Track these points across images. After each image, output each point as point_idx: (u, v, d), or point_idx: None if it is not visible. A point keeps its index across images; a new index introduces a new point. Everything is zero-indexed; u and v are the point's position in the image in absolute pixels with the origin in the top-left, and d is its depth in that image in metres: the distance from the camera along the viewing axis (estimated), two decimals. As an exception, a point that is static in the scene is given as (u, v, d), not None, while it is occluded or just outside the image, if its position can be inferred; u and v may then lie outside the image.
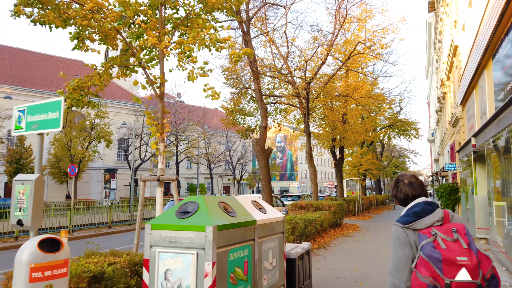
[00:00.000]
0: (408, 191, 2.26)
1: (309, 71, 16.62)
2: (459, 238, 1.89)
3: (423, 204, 2.13)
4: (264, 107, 11.77)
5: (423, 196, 2.25)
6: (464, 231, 1.94)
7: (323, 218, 12.55)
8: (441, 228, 1.96)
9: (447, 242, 1.88)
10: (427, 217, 2.04)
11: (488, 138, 8.68)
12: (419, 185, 2.28)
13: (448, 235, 1.91)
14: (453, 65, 18.67)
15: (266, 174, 11.42)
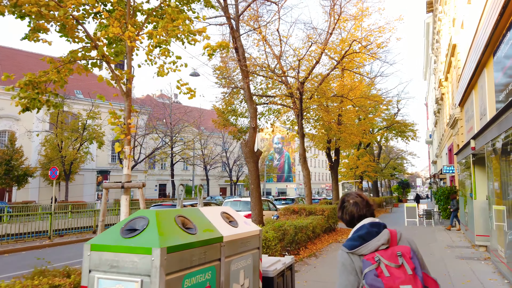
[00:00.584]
0: (354, 212, 2.14)
1: (303, 71, 16.08)
2: (404, 263, 1.80)
3: (369, 226, 2.02)
4: (254, 107, 11.23)
5: (370, 217, 2.13)
6: (409, 255, 1.85)
7: (315, 224, 12.00)
8: (386, 253, 1.86)
9: (390, 269, 1.80)
10: (372, 241, 1.93)
11: (488, 140, 8.15)
12: (364, 205, 2.15)
13: (392, 260, 1.82)
14: (451, 65, 18.17)
15: (255, 177, 10.87)
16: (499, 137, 7.15)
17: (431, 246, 11.90)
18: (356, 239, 1.99)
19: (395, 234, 1.98)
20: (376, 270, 1.81)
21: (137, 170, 44.61)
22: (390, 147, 54.66)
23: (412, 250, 1.89)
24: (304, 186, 16.40)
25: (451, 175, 20.21)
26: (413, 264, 1.80)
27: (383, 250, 1.89)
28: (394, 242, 1.94)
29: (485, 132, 8.50)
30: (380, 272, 1.80)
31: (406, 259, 1.83)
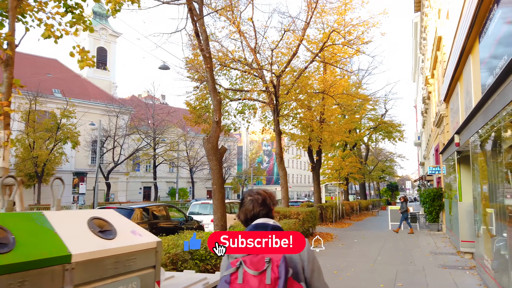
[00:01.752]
0: (248, 211, 1.93)
1: (279, 64, 15.03)
2: (268, 271, 1.62)
3: (253, 228, 1.84)
4: (217, 99, 10.10)
5: (263, 217, 1.91)
6: (278, 262, 1.64)
7: (287, 228, 10.88)
8: (254, 258, 1.68)
9: (247, 276, 1.63)
10: None
11: (473, 133, 7.12)
12: (259, 204, 1.92)
13: (254, 267, 1.65)
14: (437, 60, 17.28)
15: (218, 177, 9.74)
16: (485, 127, 6.12)
17: (412, 253, 10.87)
18: None
19: None
20: (232, 275, 1.66)
21: (119, 172, 43.16)
22: (379, 149, 53.94)
23: (284, 257, 1.67)
24: (281, 187, 15.31)
25: (438, 176, 19.31)
26: (277, 273, 1.62)
27: (253, 255, 1.71)
28: None
29: (469, 124, 7.49)
30: (234, 278, 1.65)
31: (273, 266, 1.64)
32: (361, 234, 15.81)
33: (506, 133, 5.25)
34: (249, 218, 1.91)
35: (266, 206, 1.91)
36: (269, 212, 1.92)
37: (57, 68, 44.19)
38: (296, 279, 1.70)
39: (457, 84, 11.16)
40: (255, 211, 1.89)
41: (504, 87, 4.73)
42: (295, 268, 1.73)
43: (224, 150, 10.22)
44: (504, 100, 4.74)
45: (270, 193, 2.03)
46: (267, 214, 1.91)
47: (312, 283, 1.75)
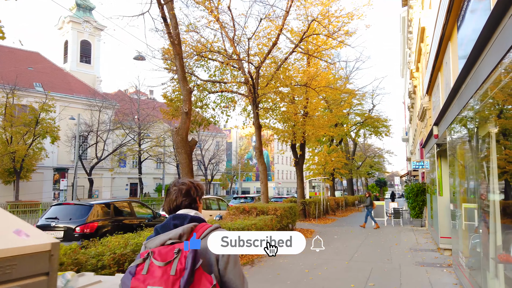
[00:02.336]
0: (171, 201, 1.86)
1: (260, 55, 14.51)
2: (174, 261, 1.55)
3: (170, 219, 1.78)
4: (187, 89, 9.58)
5: (186, 208, 1.85)
6: (186, 253, 1.57)
7: (262, 225, 10.42)
8: (164, 249, 1.61)
9: (153, 267, 1.56)
10: (162, 235, 1.70)
11: (450, 122, 6.71)
12: (182, 194, 1.86)
13: (161, 257, 1.58)
14: (421, 53, 16.92)
15: (188, 171, 9.24)
16: (460, 116, 5.70)
17: (392, 249, 10.50)
18: (154, 230, 1.79)
19: (200, 230, 1.72)
20: (138, 266, 1.59)
21: (103, 168, 42.26)
22: (367, 145, 53.84)
23: (195, 250, 1.59)
24: (260, 182, 14.84)
25: (423, 171, 19.05)
26: (183, 264, 1.55)
27: (165, 246, 1.64)
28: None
29: (446, 114, 7.09)
30: (140, 269, 1.58)
31: (181, 257, 1.57)
32: (343, 230, 15.45)
33: (480, 121, 4.83)
34: (172, 209, 1.85)
35: (189, 196, 1.85)
36: (192, 203, 1.87)
37: (38, 61, 42.98)
38: (208, 271, 1.65)
39: (438, 75, 10.78)
40: (178, 201, 1.84)
41: (476, 68, 4.30)
42: (208, 259, 1.68)
43: (194, 143, 9.71)
44: (476, 83, 4.30)
45: (198, 183, 1.95)
46: (190, 205, 1.86)
47: (225, 274, 1.69)
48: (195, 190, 1.90)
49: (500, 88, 3.87)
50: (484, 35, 3.97)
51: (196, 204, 1.90)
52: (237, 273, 1.73)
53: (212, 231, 1.73)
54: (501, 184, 4.36)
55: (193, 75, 15.20)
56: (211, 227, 1.76)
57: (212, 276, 1.60)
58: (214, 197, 14.96)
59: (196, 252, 1.59)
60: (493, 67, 3.79)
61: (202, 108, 16.36)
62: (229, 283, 1.69)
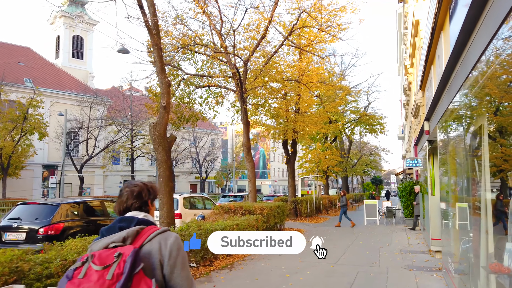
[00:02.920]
0: (121, 203, 1.82)
1: (247, 48, 13.97)
2: (113, 266, 1.50)
3: (117, 221, 1.73)
4: (166, 81, 9.03)
5: (135, 210, 1.80)
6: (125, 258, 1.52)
7: (246, 225, 9.92)
8: (105, 252, 1.57)
9: (90, 271, 1.51)
10: (106, 237, 1.65)
11: (440, 116, 6.22)
12: (133, 196, 1.81)
13: (100, 261, 1.53)
14: (415, 47, 16.45)
15: (166, 169, 8.72)
16: (451, 106, 5.20)
17: (381, 251, 10.03)
18: (99, 233, 1.73)
19: (146, 233, 1.67)
20: (75, 270, 1.54)
21: (94, 165, 41.68)
22: (363, 143, 53.41)
23: (134, 252, 1.54)
24: (248, 180, 14.33)
25: (416, 169, 18.61)
26: (121, 269, 1.50)
27: (106, 249, 1.59)
28: (139, 242, 1.63)
29: (436, 108, 6.60)
30: (77, 273, 1.53)
31: (121, 261, 1.52)
32: (333, 230, 14.98)
33: (472, 113, 4.33)
34: (122, 211, 1.82)
35: (140, 199, 1.81)
36: (143, 206, 1.83)
37: (29, 57, 42.24)
38: (151, 275, 1.58)
39: (431, 69, 10.29)
40: (128, 203, 1.80)
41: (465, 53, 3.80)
42: (152, 263, 1.62)
43: (173, 139, 9.18)
44: (465, 71, 3.80)
45: (152, 186, 1.90)
46: (140, 208, 1.82)
47: (171, 279, 1.64)
48: (147, 192, 1.85)
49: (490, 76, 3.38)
50: (472, 14, 3.48)
51: (147, 207, 1.86)
52: (185, 277, 1.67)
53: (159, 234, 1.68)
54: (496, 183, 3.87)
55: (179, 69, 14.65)
56: (158, 230, 1.70)
57: (152, 281, 1.54)
58: (199, 195, 14.44)
59: (136, 256, 1.54)
60: (482, 50, 3.30)
61: (189, 104, 15.83)
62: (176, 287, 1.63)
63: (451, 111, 5.16)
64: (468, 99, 4.23)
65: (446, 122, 5.86)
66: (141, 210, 1.82)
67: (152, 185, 1.89)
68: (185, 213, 11.77)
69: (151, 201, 1.87)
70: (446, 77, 5.18)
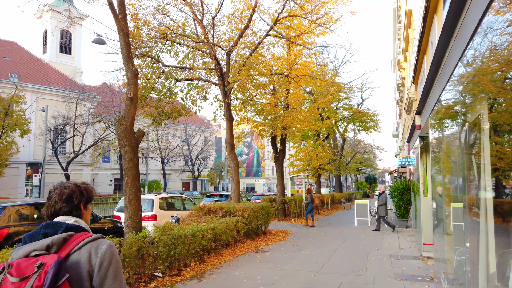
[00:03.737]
0: (49, 206, 1.68)
1: (231, 40, 13.13)
2: (33, 277, 1.39)
3: (42, 227, 1.59)
4: (132, 71, 8.20)
5: (65, 215, 1.65)
6: (47, 268, 1.41)
7: (223, 229, 9.15)
8: (26, 262, 1.44)
9: (6, 283, 1.40)
10: (28, 245, 1.52)
11: (432, 107, 5.45)
12: (62, 199, 1.65)
13: (19, 272, 1.40)
14: (408, 40, 15.72)
15: (132, 167, 7.90)
16: (443, 95, 4.42)
17: (370, 256, 9.28)
18: (22, 240, 1.60)
19: (75, 241, 1.53)
20: None
21: (82, 163, 40.67)
22: (357, 141, 52.78)
23: (58, 262, 1.42)
24: (231, 179, 13.53)
25: (410, 167, 17.91)
26: (41, 281, 1.38)
27: (27, 258, 1.46)
28: (65, 251, 1.50)
29: (428, 99, 5.84)
30: None
31: (42, 272, 1.41)
32: (321, 232, 14.22)
33: (466, 102, 3.56)
34: (50, 215, 1.68)
35: (70, 202, 1.66)
36: (73, 210, 1.68)
37: (15, 52, 41.07)
38: (78, 287, 1.47)
39: (423, 59, 9.53)
40: (56, 207, 1.66)
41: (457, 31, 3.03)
42: (80, 274, 1.49)
43: (141, 134, 8.35)
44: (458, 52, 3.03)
45: (86, 187, 1.73)
46: (70, 212, 1.67)
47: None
48: (79, 194, 1.69)
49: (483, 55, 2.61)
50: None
51: (79, 211, 1.70)
52: None
53: (90, 242, 1.55)
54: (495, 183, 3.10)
55: (158, 62, 13.81)
56: (90, 237, 1.56)
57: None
58: (178, 195, 13.62)
59: (60, 266, 1.42)
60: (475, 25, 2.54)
61: (171, 98, 14.98)
62: None
63: (445, 101, 4.38)
64: (463, 85, 3.45)
65: (438, 114, 5.08)
66: (72, 214, 1.68)
67: (86, 187, 1.75)
68: (161, 215, 10.95)
69: (84, 204, 1.71)
70: (437, 62, 4.42)
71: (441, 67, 4.39)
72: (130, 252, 6.16)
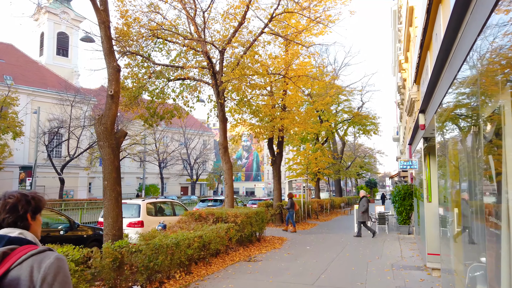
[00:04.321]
0: None
1: (224, 38, 12.59)
2: None
3: None
4: (114, 66, 7.63)
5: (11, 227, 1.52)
6: None
7: (212, 237, 8.53)
8: None
9: None
10: None
11: (438, 103, 4.85)
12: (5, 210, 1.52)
13: None
14: (410, 39, 15.17)
15: (112, 170, 7.30)
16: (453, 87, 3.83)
17: (369, 267, 8.64)
18: None
19: (17, 255, 1.40)
20: None
21: (78, 167, 40.08)
22: (358, 145, 52.16)
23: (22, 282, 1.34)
24: (224, 183, 12.92)
25: (411, 171, 17.30)
26: None
27: None
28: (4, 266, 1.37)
29: (434, 94, 5.25)
30: None
31: None
32: (320, 239, 13.58)
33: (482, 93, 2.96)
34: None
35: (15, 212, 1.52)
36: (18, 221, 1.54)
37: (11, 54, 40.66)
38: None
39: (426, 56, 8.95)
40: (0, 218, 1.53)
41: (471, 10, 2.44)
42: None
43: (122, 135, 7.76)
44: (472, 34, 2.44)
45: (34, 196, 1.58)
46: (14, 223, 1.54)
47: None
48: (26, 204, 1.54)
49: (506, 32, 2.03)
50: None
51: (26, 222, 1.56)
52: None
53: (34, 256, 1.41)
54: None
55: (149, 60, 13.25)
56: (34, 250, 1.42)
57: None
58: (168, 200, 13.00)
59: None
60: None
61: (162, 99, 14.41)
62: None
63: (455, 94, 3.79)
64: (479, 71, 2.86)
65: (445, 111, 4.49)
66: (17, 226, 1.54)
67: (34, 195, 1.59)
68: (149, 221, 10.33)
69: (31, 214, 1.57)
70: (445, 50, 3.83)
71: (450, 55, 3.80)
72: (102, 264, 5.55)
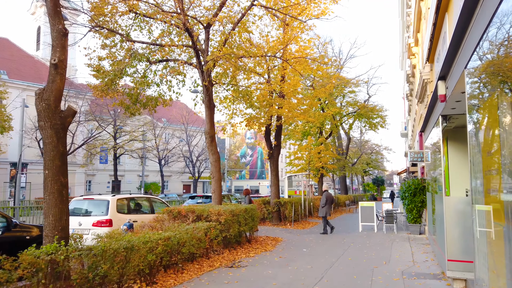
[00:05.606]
0: None
1: (206, 9, 11.14)
2: None
3: None
4: (58, 29, 6.26)
5: None
6: None
7: (186, 239, 7.09)
8: None
9: None
10: None
11: (469, 57, 3.33)
12: None
13: None
14: (421, 16, 13.59)
15: (55, 156, 5.89)
16: (484, 39, 2.33)
17: (375, 274, 7.15)
18: None
19: None
20: None
21: (75, 164, 38.95)
22: (364, 141, 50.42)
23: None
24: (211, 177, 11.50)
25: (422, 165, 15.74)
26: None
27: None
28: None
29: (461, 47, 3.73)
30: None
31: None
32: (319, 239, 12.09)
33: None
34: None
35: None
36: None
37: (7, 48, 39.64)
38: None
39: (443, 23, 7.39)
40: None
41: None
42: None
43: (70, 114, 6.34)
44: None
45: None
46: None
47: None
48: None
49: None
50: None
51: None
52: None
53: None
54: None
55: (128, 39, 11.85)
56: None
57: None
58: (145, 196, 11.62)
59: None
60: None
61: (148, 86, 13.00)
62: None
63: (502, 40, 2.31)
64: None
65: (482, 62, 3.00)
66: None
67: None
68: (119, 219, 8.94)
69: None
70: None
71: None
72: (13, 277, 4.15)
